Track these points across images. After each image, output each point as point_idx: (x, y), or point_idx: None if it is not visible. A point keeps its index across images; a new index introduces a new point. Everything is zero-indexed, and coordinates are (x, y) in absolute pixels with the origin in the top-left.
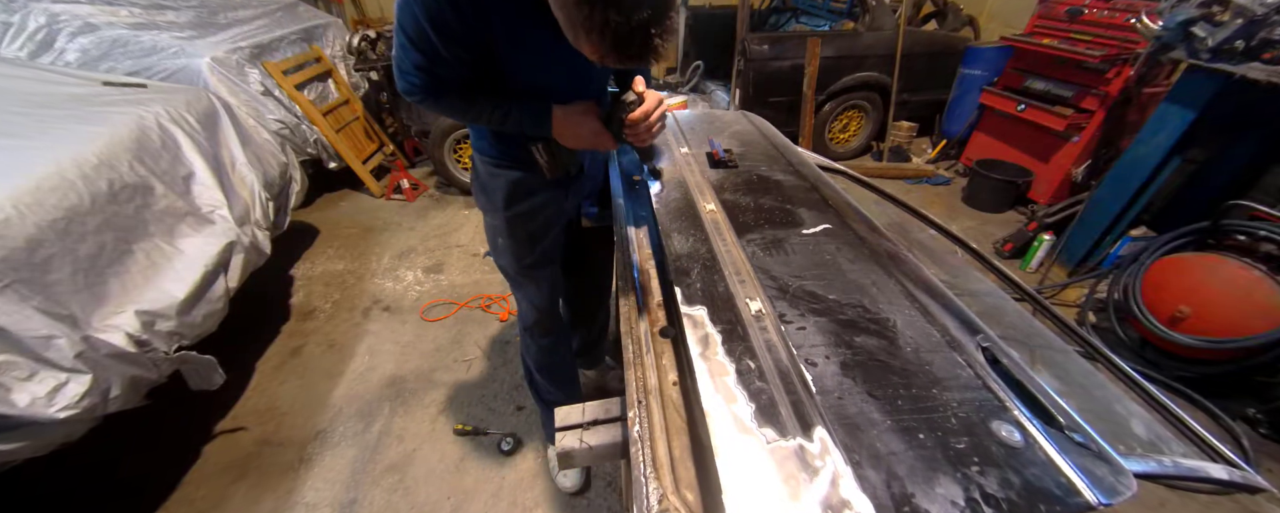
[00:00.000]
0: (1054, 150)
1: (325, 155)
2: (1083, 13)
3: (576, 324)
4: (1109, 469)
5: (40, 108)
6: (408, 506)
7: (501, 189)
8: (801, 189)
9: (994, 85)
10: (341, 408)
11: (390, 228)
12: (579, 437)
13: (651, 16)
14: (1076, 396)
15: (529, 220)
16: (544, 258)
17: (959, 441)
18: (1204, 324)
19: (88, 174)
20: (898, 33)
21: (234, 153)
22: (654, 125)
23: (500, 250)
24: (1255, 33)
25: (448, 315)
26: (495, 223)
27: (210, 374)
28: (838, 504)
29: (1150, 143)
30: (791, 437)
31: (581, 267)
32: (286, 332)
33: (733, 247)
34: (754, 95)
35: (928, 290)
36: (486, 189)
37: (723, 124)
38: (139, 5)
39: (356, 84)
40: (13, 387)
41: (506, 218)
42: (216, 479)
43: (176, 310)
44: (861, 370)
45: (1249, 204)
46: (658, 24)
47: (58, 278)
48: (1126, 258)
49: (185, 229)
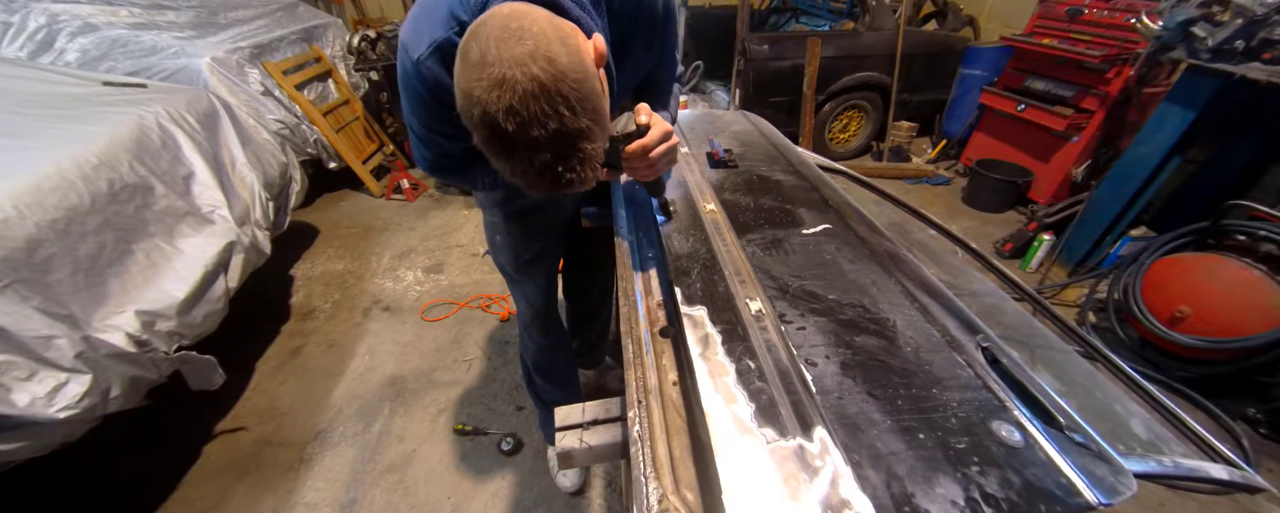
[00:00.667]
0: (1054, 150)
1: (325, 155)
2: (1083, 13)
3: (577, 325)
4: (1109, 469)
5: (40, 108)
6: (408, 506)
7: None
8: (801, 189)
9: (994, 85)
10: (341, 408)
11: (390, 228)
12: (579, 437)
13: (552, 158)
14: (1076, 396)
15: (528, 218)
16: (542, 256)
17: (959, 441)
18: (1204, 324)
19: (88, 174)
20: (898, 33)
21: (234, 153)
22: (656, 160)
23: (499, 248)
24: (1255, 33)
25: (448, 315)
26: (494, 220)
27: (210, 374)
28: (838, 504)
29: (1150, 143)
30: (791, 437)
31: (582, 267)
32: (286, 332)
33: (733, 247)
34: (754, 95)
35: (928, 290)
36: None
37: (723, 124)
38: (139, 5)
39: (356, 84)
40: (13, 387)
41: (505, 215)
42: (216, 479)
43: (176, 310)
44: (861, 370)
45: (1249, 204)
46: (565, 162)
47: (58, 278)
48: (1126, 258)
49: (185, 229)
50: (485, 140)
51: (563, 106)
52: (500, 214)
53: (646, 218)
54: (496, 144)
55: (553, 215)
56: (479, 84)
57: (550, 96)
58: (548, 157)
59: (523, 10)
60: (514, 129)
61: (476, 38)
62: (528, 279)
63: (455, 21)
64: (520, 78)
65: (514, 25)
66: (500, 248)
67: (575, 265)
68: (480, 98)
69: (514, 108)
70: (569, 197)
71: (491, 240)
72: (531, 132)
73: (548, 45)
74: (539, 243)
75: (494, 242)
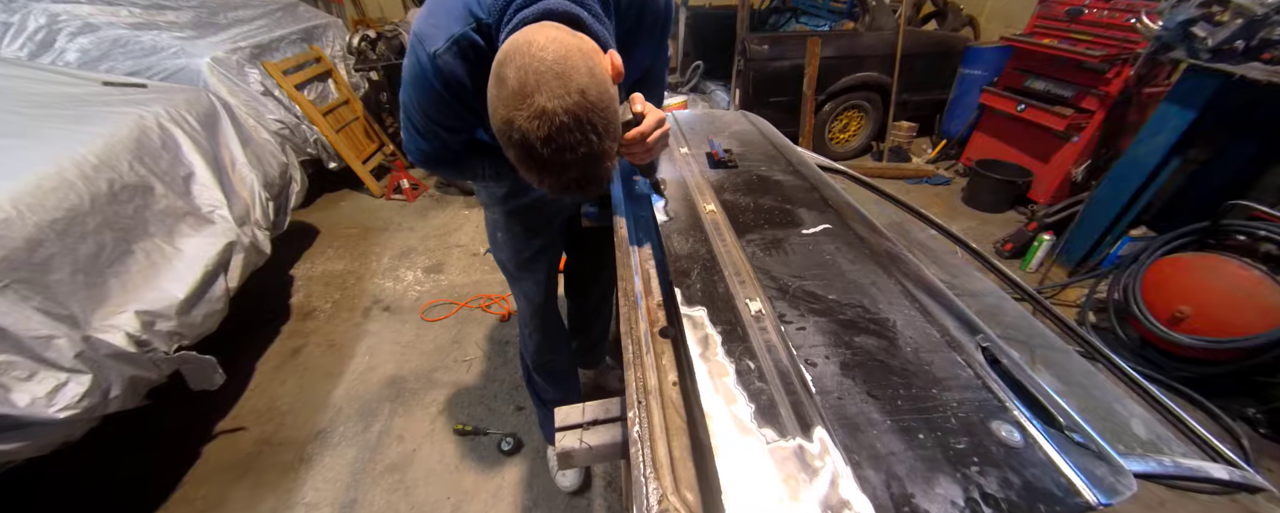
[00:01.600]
0: (1054, 150)
1: (325, 155)
2: (1083, 13)
3: (578, 326)
4: (1109, 469)
5: (40, 108)
6: (408, 506)
7: (503, 183)
8: (801, 189)
9: (994, 85)
10: (341, 408)
11: (390, 228)
12: (579, 437)
13: (579, 174)
14: (1076, 396)
15: (528, 214)
16: (542, 253)
17: (959, 441)
18: (1204, 324)
19: (88, 174)
20: (898, 33)
21: (234, 153)
22: (653, 146)
23: (499, 245)
24: (1255, 33)
25: (448, 315)
26: (495, 217)
27: (210, 374)
28: (837, 504)
29: (1150, 143)
30: (791, 437)
31: (582, 267)
32: (286, 332)
33: (733, 247)
34: (754, 95)
35: (928, 290)
36: (487, 183)
37: (723, 124)
38: (139, 5)
39: (356, 84)
40: (13, 387)
41: (506, 212)
42: (216, 479)
43: (176, 310)
44: (861, 371)
45: (1249, 204)
46: (588, 176)
47: (58, 278)
48: (1126, 258)
49: (185, 229)
50: (519, 158)
51: (592, 133)
52: (501, 211)
53: (647, 218)
54: (530, 162)
55: (552, 212)
56: (520, 114)
57: (581, 126)
58: (575, 173)
59: (553, 38)
60: (549, 154)
61: (514, 66)
62: (528, 276)
63: (473, 18)
64: (558, 111)
65: (549, 58)
66: (501, 245)
67: (576, 265)
68: (521, 127)
69: (551, 137)
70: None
71: (493, 237)
72: (564, 156)
73: (579, 78)
74: (539, 240)
75: (495, 239)
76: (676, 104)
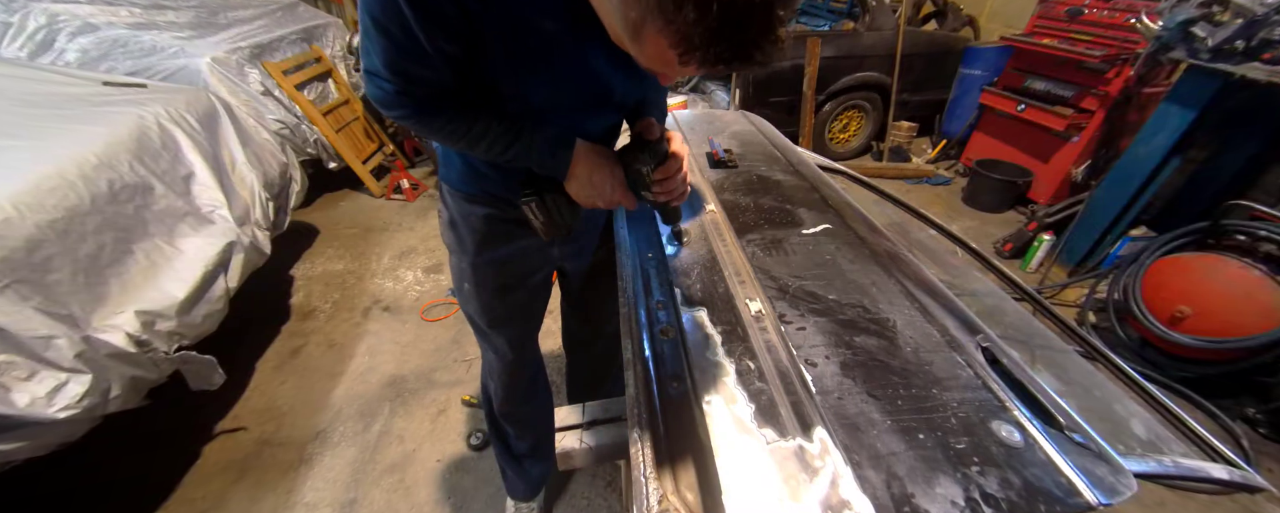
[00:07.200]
0: (1054, 150)
1: (325, 155)
2: (1083, 13)
3: (582, 390)
4: (1109, 469)
5: (40, 108)
6: (408, 506)
7: (475, 228)
8: (801, 189)
9: (994, 85)
10: (341, 408)
11: (390, 228)
12: (579, 437)
13: (762, 28)
14: (1076, 396)
15: (503, 269)
16: (517, 314)
17: (959, 441)
18: (1204, 324)
19: (88, 174)
20: (898, 33)
21: (234, 153)
22: (685, 181)
23: (466, 296)
24: (1255, 33)
25: (448, 315)
26: (462, 266)
27: (210, 374)
28: (838, 504)
29: (1150, 143)
30: (791, 437)
31: (585, 320)
32: (286, 332)
33: (733, 247)
34: (754, 95)
35: (928, 290)
36: (455, 225)
37: (723, 124)
38: (139, 5)
39: (356, 84)
40: (13, 387)
41: (474, 263)
42: (216, 479)
43: (176, 310)
44: (861, 371)
45: (1249, 204)
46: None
47: (58, 278)
48: (1126, 258)
49: (185, 229)
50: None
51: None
52: (469, 261)
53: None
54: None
55: (535, 265)
56: None
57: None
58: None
59: None
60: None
61: None
62: (499, 334)
63: None
64: None
65: None
66: (468, 297)
67: (576, 316)
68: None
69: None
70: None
71: (459, 287)
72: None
73: None
74: (513, 296)
75: (461, 290)
76: (676, 104)
